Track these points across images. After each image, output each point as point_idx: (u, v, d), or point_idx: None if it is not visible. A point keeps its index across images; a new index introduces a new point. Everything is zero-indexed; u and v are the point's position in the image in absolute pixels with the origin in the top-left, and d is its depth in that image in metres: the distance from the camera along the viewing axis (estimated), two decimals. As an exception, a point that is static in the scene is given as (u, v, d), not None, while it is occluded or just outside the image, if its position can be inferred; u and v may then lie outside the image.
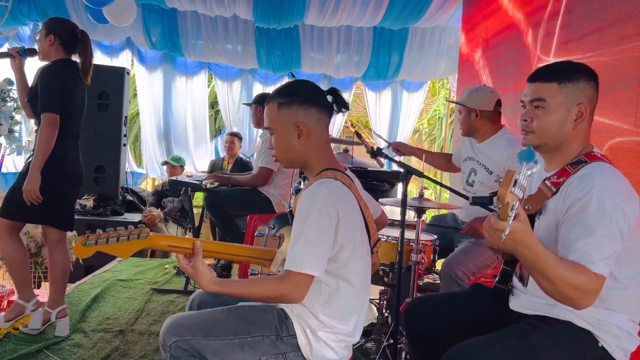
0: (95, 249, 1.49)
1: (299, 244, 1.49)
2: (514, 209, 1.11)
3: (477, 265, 2.65)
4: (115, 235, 1.49)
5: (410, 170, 2.28)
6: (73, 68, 2.76)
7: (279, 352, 1.57)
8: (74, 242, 1.49)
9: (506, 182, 1.09)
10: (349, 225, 1.55)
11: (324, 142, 1.66)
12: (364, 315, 1.67)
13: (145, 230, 1.53)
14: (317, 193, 1.52)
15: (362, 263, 1.62)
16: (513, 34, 3.91)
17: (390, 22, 5.87)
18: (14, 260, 2.73)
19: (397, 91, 6.98)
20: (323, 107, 1.64)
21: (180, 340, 1.52)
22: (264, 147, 3.92)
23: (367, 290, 1.68)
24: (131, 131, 8.73)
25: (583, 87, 1.54)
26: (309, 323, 1.57)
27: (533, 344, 1.46)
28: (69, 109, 2.68)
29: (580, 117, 1.54)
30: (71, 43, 2.76)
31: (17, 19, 5.53)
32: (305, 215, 1.50)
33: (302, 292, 1.50)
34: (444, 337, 1.69)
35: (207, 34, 6.14)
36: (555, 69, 1.60)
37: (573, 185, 1.48)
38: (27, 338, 2.78)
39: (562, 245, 1.43)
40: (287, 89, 1.67)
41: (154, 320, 3.22)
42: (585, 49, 2.85)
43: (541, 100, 1.56)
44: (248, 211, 4.08)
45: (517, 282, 1.70)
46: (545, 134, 1.56)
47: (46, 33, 2.71)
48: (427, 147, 11.07)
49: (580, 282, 1.30)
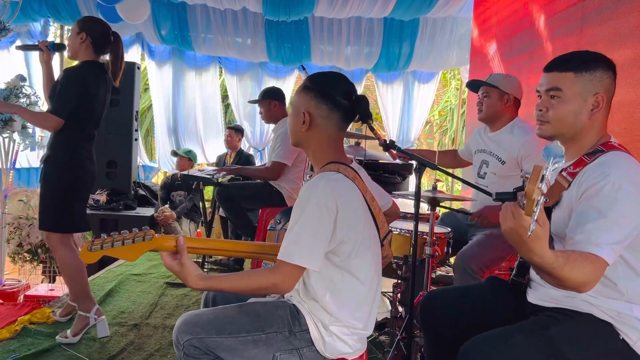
0: (100, 254, 1.48)
1: (292, 235, 1.49)
2: (539, 204, 1.09)
3: (491, 258, 2.63)
4: (120, 239, 1.48)
5: (424, 163, 2.25)
6: (99, 71, 2.72)
7: (293, 348, 1.57)
8: (79, 248, 1.49)
9: (534, 177, 1.07)
10: (350, 219, 1.53)
11: (327, 138, 1.64)
12: (376, 308, 1.66)
13: (150, 232, 1.51)
14: (317, 185, 1.52)
15: (368, 256, 1.61)
16: (526, 23, 3.85)
17: (400, 13, 5.81)
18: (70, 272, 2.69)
19: (408, 82, 6.93)
20: (338, 107, 1.62)
21: (194, 339, 1.52)
22: (277, 141, 3.91)
23: (377, 284, 1.67)
24: (142, 125, 8.76)
25: (600, 77, 1.51)
26: (321, 317, 1.57)
27: (553, 336, 1.45)
28: (86, 114, 2.66)
29: (597, 107, 1.52)
30: (102, 43, 2.72)
31: (28, 15, 5.55)
32: (302, 207, 1.50)
33: (292, 283, 1.50)
34: (461, 331, 1.68)
35: (216, 27, 6.13)
36: (571, 58, 1.57)
37: (589, 172, 1.46)
38: (44, 332, 2.82)
39: (571, 227, 1.41)
40: (317, 78, 1.69)
41: (168, 314, 3.24)
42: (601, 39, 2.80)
43: (557, 89, 1.54)
44: (260, 205, 4.08)
45: (534, 275, 1.68)
46: (561, 124, 1.54)
47: (78, 30, 2.67)
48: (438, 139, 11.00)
49: (585, 277, 1.28)
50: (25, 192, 3.73)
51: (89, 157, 2.75)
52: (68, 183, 2.65)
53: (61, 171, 2.65)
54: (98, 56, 2.74)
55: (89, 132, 2.73)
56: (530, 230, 1.11)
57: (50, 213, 2.67)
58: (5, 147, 3.50)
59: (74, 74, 2.65)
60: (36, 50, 2.81)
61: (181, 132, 6.73)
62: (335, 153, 1.65)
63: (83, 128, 2.68)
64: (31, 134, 3.49)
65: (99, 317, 2.74)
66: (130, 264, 4.37)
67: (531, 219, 1.10)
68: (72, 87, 2.60)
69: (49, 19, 5.96)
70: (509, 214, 1.16)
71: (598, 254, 1.31)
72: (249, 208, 4.08)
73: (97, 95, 2.69)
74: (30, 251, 3.49)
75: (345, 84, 1.66)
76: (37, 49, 2.79)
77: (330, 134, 1.64)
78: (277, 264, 1.50)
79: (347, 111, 1.63)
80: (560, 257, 1.25)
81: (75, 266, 2.69)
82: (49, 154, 2.67)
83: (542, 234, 1.17)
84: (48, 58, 2.80)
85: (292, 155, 3.87)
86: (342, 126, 1.65)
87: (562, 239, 1.54)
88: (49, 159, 2.67)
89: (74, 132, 2.64)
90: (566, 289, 1.32)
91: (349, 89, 1.65)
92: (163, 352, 2.68)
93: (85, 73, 2.66)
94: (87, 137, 2.73)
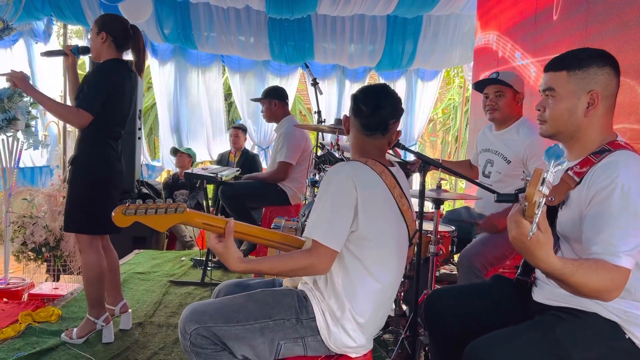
0: (133, 219, 1.54)
1: (315, 215, 1.57)
2: (540, 207, 1.08)
3: (495, 256, 2.62)
4: (154, 207, 1.54)
5: (429, 161, 2.24)
6: (124, 68, 2.70)
7: (299, 336, 1.59)
8: (113, 212, 1.53)
9: (534, 181, 1.07)
10: (370, 208, 1.57)
11: (354, 141, 1.77)
12: (386, 310, 1.67)
13: (182, 206, 1.57)
14: (341, 169, 1.62)
15: (386, 253, 1.63)
16: (530, 20, 3.83)
17: (404, 10, 5.80)
18: (91, 275, 2.67)
19: (411, 80, 6.92)
20: (358, 114, 1.73)
21: (201, 327, 1.55)
22: (280, 141, 3.91)
23: (393, 285, 1.68)
24: (145, 124, 8.76)
25: (594, 74, 1.50)
26: (330, 304, 1.59)
27: (558, 336, 1.44)
28: (113, 112, 2.64)
29: (592, 105, 1.50)
30: (123, 40, 2.70)
31: (31, 13, 5.55)
32: (324, 188, 1.59)
33: (328, 264, 1.55)
34: (466, 330, 1.67)
35: (219, 25, 6.12)
36: (566, 57, 1.56)
37: (597, 173, 1.44)
38: (48, 331, 2.83)
39: (586, 236, 1.40)
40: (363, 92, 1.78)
41: (172, 312, 3.24)
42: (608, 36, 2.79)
43: (551, 89, 1.55)
44: (264, 203, 4.08)
45: (540, 274, 1.67)
46: (557, 123, 1.55)
47: (98, 31, 2.65)
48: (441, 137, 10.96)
49: (603, 284, 1.27)
50: (29, 190, 3.73)
51: (117, 156, 2.72)
52: (96, 183, 2.62)
53: (88, 171, 2.62)
54: (121, 53, 2.72)
55: (116, 131, 2.71)
56: (531, 233, 1.10)
57: (78, 214, 2.63)
58: (9, 146, 3.50)
59: (99, 72, 2.64)
60: (61, 56, 2.82)
61: (184, 131, 6.74)
62: (361, 154, 1.74)
63: (110, 127, 2.66)
64: (35, 133, 3.50)
65: (106, 324, 2.73)
66: (133, 262, 4.37)
67: (531, 223, 1.09)
68: (99, 84, 2.59)
69: (52, 17, 5.96)
70: (513, 223, 1.16)
71: (618, 264, 1.30)
72: (252, 206, 4.09)
73: (123, 93, 2.67)
74: (35, 250, 3.49)
75: (373, 94, 1.74)
76: (62, 54, 2.79)
77: (357, 137, 1.75)
78: (312, 247, 1.55)
79: (367, 118, 1.71)
80: (569, 264, 1.24)
81: (98, 272, 2.67)
82: (76, 153, 2.65)
83: (544, 240, 1.16)
84: (73, 62, 2.79)
85: (296, 154, 3.87)
86: (365, 132, 1.73)
87: (568, 239, 1.54)
88: (76, 159, 2.65)
89: (100, 131, 2.62)
90: (589, 297, 1.30)
91: (375, 99, 1.72)
92: (167, 351, 2.68)
93: (110, 71, 2.65)
94: (114, 136, 2.71)
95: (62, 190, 3.70)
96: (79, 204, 2.63)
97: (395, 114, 1.73)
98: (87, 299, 2.72)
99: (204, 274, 3.86)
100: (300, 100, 9.92)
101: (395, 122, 1.74)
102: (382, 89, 1.78)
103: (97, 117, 2.57)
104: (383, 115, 1.70)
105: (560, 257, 1.22)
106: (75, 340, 2.69)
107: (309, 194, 3.34)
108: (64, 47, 2.79)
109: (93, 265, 2.65)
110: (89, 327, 2.72)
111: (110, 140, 2.68)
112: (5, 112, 3.26)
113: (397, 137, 1.80)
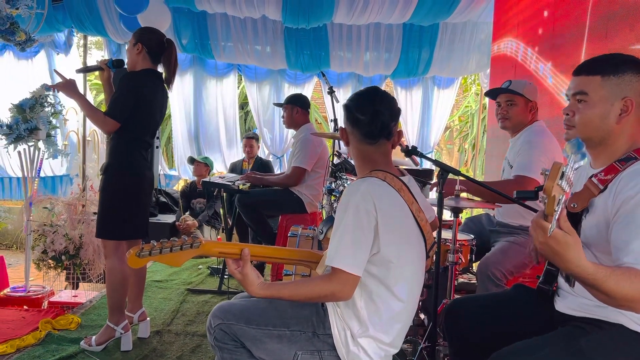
0: (147, 260, 1.51)
1: (335, 241, 1.52)
2: (561, 203, 1.05)
3: (514, 264, 2.58)
4: (169, 246, 1.51)
5: (447, 169, 2.22)
6: (156, 79, 2.75)
7: (315, 349, 1.59)
8: (127, 254, 1.50)
9: (553, 174, 1.03)
10: (391, 227, 1.54)
11: (357, 152, 1.71)
12: (407, 327, 1.65)
13: (198, 240, 1.55)
14: (358, 189, 1.55)
15: (408, 271, 1.60)
16: (547, 27, 3.80)
17: (420, 18, 5.79)
18: (114, 282, 2.70)
19: (427, 88, 6.89)
20: (357, 123, 1.67)
21: (223, 324, 1.61)
22: (297, 147, 3.92)
23: (414, 302, 1.66)
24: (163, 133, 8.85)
25: (629, 80, 1.47)
26: (351, 325, 1.57)
27: (582, 348, 1.40)
28: (142, 121, 2.69)
29: (626, 112, 1.47)
30: (157, 52, 2.75)
31: (53, 25, 5.66)
32: (343, 211, 1.54)
33: (350, 291, 1.52)
34: (487, 341, 1.65)
35: (236, 35, 6.17)
36: (599, 61, 1.54)
37: (624, 182, 1.41)
38: (68, 339, 2.85)
39: (615, 246, 1.36)
40: (355, 100, 1.70)
41: (190, 320, 3.25)
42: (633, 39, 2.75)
43: (583, 93, 1.51)
44: (280, 211, 4.08)
45: (562, 283, 1.64)
46: (587, 128, 1.51)
47: (134, 42, 2.72)
48: (458, 144, 10.90)
49: (636, 292, 1.22)
50: (49, 199, 3.79)
51: (147, 165, 2.78)
52: (127, 191, 2.68)
53: (120, 179, 2.68)
54: (155, 65, 2.78)
55: (146, 140, 2.76)
56: (551, 230, 1.07)
57: (108, 221, 2.69)
58: (31, 155, 3.56)
59: (130, 81, 2.68)
60: (97, 70, 2.86)
61: (202, 140, 6.80)
62: (369, 165, 1.68)
63: (140, 136, 2.72)
64: (55, 142, 3.55)
65: (125, 332, 2.75)
66: (151, 270, 4.40)
67: (552, 220, 1.06)
68: (128, 93, 2.63)
69: (72, 29, 6.07)
70: (537, 228, 1.13)
71: None
72: (269, 215, 4.09)
73: (153, 103, 2.72)
74: (54, 258, 3.53)
75: (367, 100, 1.67)
76: (98, 69, 2.83)
77: (360, 147, 1.69)
78: (332, 273, 1.52)
79: (368, 126, 1.65)
80: (602, 269, 1.20)
81: (121, 279, 2.71)
82: (108, 162, 2.71)
83: (573, 242, 1.13)
84: (109, 76, 2.84)
85: (312, 161, 3.87)
86: (368, 141, 1.67)
87: (592, 247, 1.50)
88: (108, 168, 2.70)
89: (130, 139, 2.68)
90: (620, 306, 1.25)
91: (371, 105, 1.65)
92: (185, 359, 2.68)
93: (142, 80, 2.69)
94: (145, 145, 2.76)
95: (81, 199, 3.75)
96: (110, 211, 2.68)
97: (395, 115, 1.69)
98: (109, 304, 2.75)
99: (221, 282, 3.86)
100: (316, 108, 9.94)
101: (396, 123, 1.70)
102: (374, 92, 1.71)
103: (128, 126, 2.63)
104: (384, 120, 1.65)
105: (593, 262, 1.19)
106: (94, 348, 2.70)
107: (325, 202, 3.33)
108: (99, 61, 2.83)
109: (117, 271, 2.69)
110: (108, 334, 2.74)
111: (141, 149, 2.73)
112: (28, 122, 3.32)
113: (400, 138, 1.74)
